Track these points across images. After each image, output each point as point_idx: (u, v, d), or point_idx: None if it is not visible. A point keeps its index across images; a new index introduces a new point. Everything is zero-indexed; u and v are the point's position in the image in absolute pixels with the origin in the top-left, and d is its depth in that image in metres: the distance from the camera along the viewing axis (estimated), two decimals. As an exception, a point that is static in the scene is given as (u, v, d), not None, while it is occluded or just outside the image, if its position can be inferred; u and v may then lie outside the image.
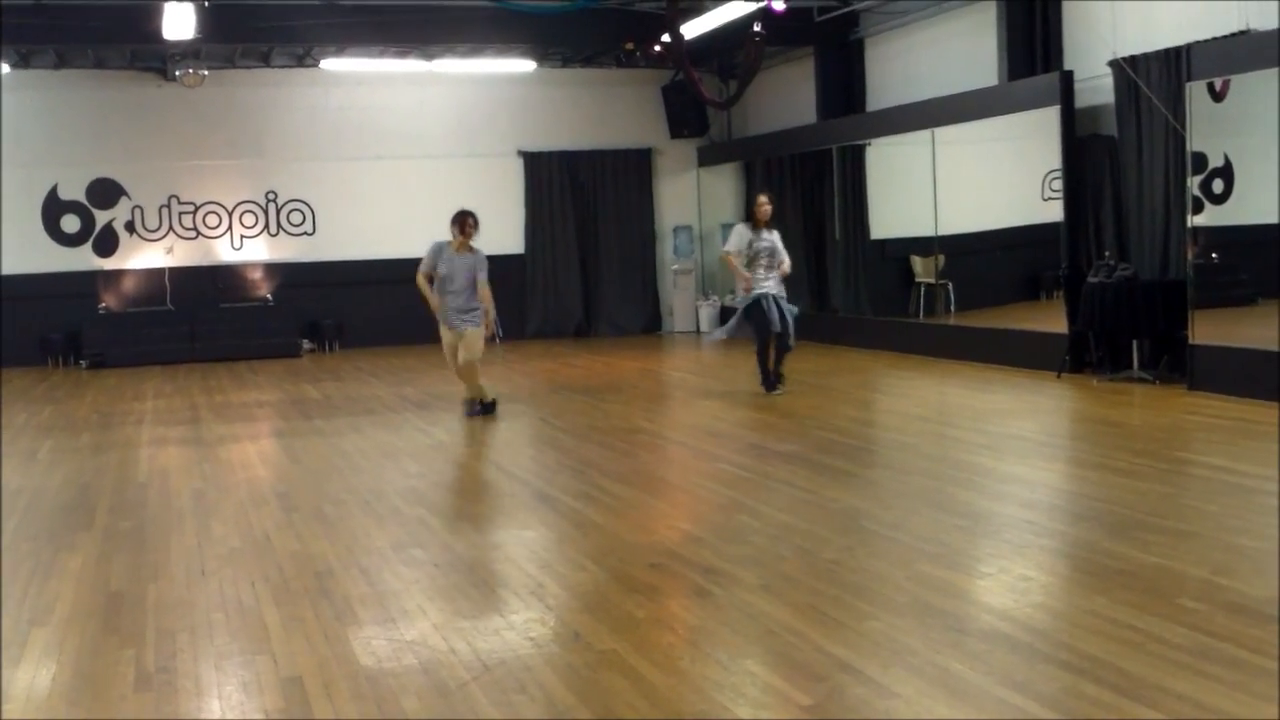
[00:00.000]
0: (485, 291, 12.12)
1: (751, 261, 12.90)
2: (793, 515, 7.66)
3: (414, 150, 20.76)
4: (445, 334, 12.32)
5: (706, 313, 21.40)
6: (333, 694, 4.93)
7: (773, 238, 13.04)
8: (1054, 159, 14.10)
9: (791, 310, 13.01)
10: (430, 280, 12.40)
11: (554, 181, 21.37)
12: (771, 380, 12.97)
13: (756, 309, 12.78)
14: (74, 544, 7.70)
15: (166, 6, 14.87)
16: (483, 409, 12.44)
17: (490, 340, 12.42)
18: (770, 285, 12.88)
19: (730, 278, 21.24)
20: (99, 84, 19.53)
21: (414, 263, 20.09)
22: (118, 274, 19.81)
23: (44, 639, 5.80)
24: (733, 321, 13.22)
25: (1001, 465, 9.21)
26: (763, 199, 13.19)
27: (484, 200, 20.84)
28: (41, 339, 19.23)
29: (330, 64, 19.31)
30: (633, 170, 21.79)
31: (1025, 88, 14.42)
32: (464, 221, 12.27)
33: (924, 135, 16.17)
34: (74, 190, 19.64)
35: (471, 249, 12.24)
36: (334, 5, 17.07)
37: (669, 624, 5.78)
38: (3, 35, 16.25)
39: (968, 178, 16.46)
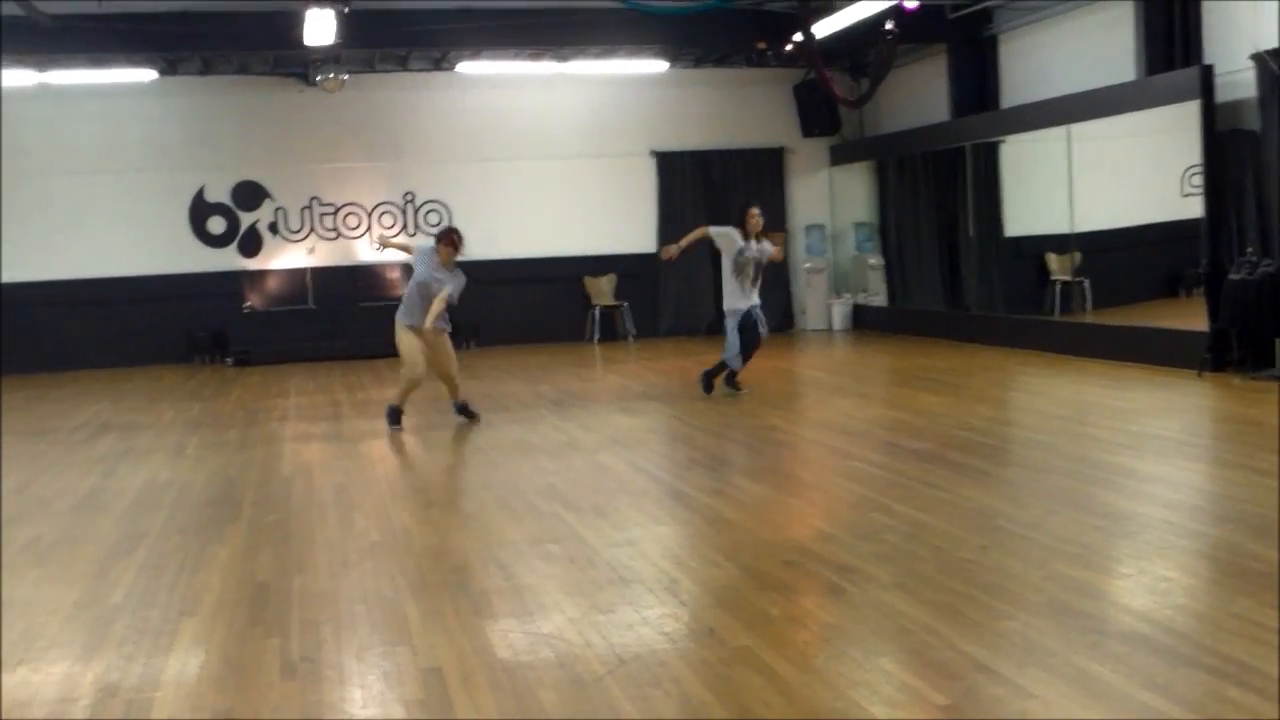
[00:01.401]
0: (441, 304, 11.99)
1: (740, 270, 12.92)
2: (927, 513, 7.63)
3: (548, 151, 20.95)
4: (408, 335, 12.24)
5: (839, 311, 21.32)
6: (471, 686, 5.02)
7: (762, 249, 13.01)
8: (1193, 154, 13.80)
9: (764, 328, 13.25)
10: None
11: (686, 181, 21.41)
12: (713, 383, 13.19)
13: (748, 327, 12.96)
14: (222, 536, 7.93)
15: (308, 13, 15.18)
16: (463, 413, 12.49)
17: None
18: (755, 298, 13.04)
19: (862, 276, 21.26)
20: (243, 89, 19.99)
21: (550, 261, 20.64)
22: (262, 274, 20.26)
23: (193, 628, 5.98)
24: (734, 346, 13.12)
25: (1141, 465, 9.06)
26: (754, 210, 13.18)
27: (617, 200, 21.15)
28: (189, 337, 19.78)
29: (466, 67, 19.55)
30: (765, 169, 21.75)
31: (1164, 82, 14.15)
32: (451, 239, 12.22)
33: (1059, 132, 15.94)
34: (220, 193, 20.14)
35: (455, 266, 12.26)
36: (470, 9, 17.30)
37: (803, 621, 5.80)
38: (151, 43, 16.76)
39: (1104, 174, 16.20)
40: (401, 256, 12.62)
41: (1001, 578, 6.21)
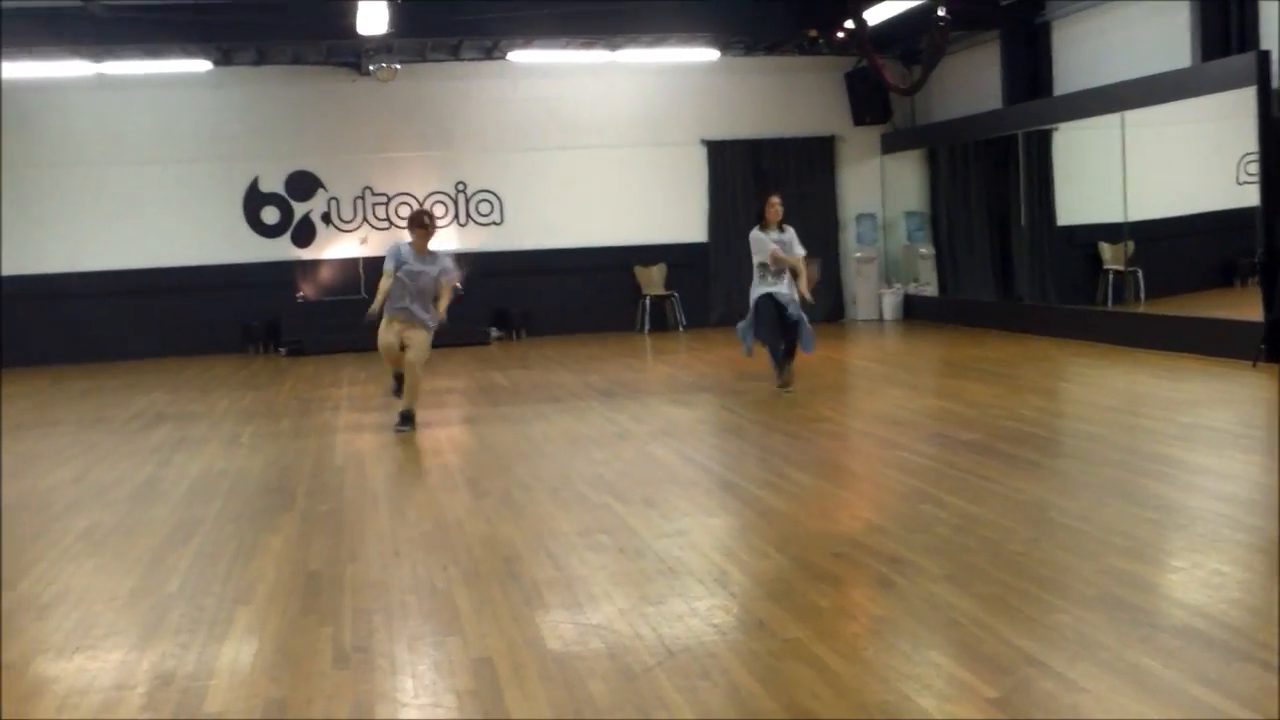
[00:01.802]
0: (448, 296, 11.51)
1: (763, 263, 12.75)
2: (977, 505, 7.60)
3: (598, 140, 20.97)
4: (386, 332, 11.52)
5: (890, 301, 21.24)
6: (521, 676, 5.05)
7: (785, 236, 12.86)
8: (1249, 141, 13.66)
9: (799, 315, 12.78)
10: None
11: (737, 170, 21.38)
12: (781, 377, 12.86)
13: (762, 311, 12.70)
14: (275, 525, 8.01)
15: (361, 3, 15.27)
16: (405, 420, 11.71)
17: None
18: (781, 286, 12.73)
19: (913, 266, 21.18)
20: (296, 80, 20.13)
21: (600, 251, 20.68)
22: (315, 264, 20.39)
23: (248, 616, 6.05)
24: (748, 333, 12.97)
25: (1194, 457, 9.00)
26: (773, 199, 13.01)
27: (667, 189, 21.15)
28: (243, 327, 19.94)
29: (517, 56, 19.60)
30: (816, 158, 21.68)
31: (1219, 69, 14.00)
32: (421, 220, 11.53)
33: (1113, 119, 15.81)
34: (273, 183, 20.29)
35: (432, 251, 11.59)
36: (521, -2, 17.38)
37: (853, 613, 5.79)
38: (206, 33, 16.90)
39: (1159, 162, 16.07)
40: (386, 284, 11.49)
41: (1053, 570, 6.19)
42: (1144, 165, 15.77)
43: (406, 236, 11.71)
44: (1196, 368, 13.35)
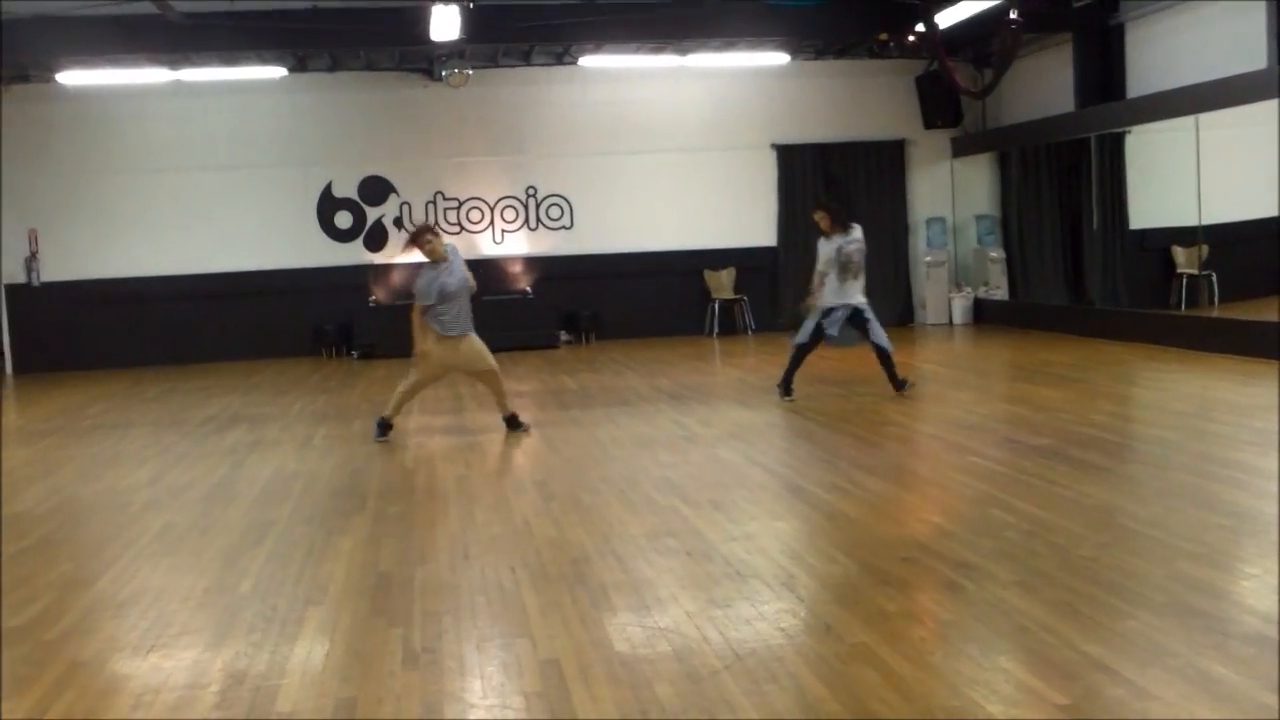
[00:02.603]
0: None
1: (845, 268, 12.55)
2: (1047, 510, 7.55)
3: (668, 144, 20.99)
4: (442, 349, 11.41)
5: (960, 305, 21.11)
6: (589, 678, 5.08)
7: (858, 240, 12.75)
8: (1326, 144, 13.49)
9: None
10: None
11: (807, 174, 21.32)
12: (898, 382, 12.72)
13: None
14: (346, 527, 8.09)
15: (434, 9, 15.39)
16: (382, 428, 11.64)
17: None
18: (851, 296, 12.60)
19: (983, 270, 21.04)
20: (369, 85, 20.29)
21: (670, 255, 20.70)
22: (387, 268, 20.53)
23: (319, 617, 6.12)
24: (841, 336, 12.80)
25: (1267, 462, 8.85)
26: (814, 214, 12.94)
27: (737, 193, 21.16)
28: (316, 330, 20.13)
29: (588, 61, 19.66)
30: (886, 162, 21.58)
31: (1296, 70, 13.83)
32: (417, 237, 11.33)
33: (1187, 121, 15.64)
34: (347, 188, 20.47)
35: (444, 255, 11.33)
36: (593, 4, 17.42)
37: (920, 618, 5.78)
38: (281, 40, 17.10)
39: (1233, 165, 15.87)
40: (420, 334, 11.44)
41: (1122, 576, 6.14)
42: (1218, 168, 15.58)
43: (457, 244, 11.70)
44: (1270, 373, 13.16)
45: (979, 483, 8.58)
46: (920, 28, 17.21)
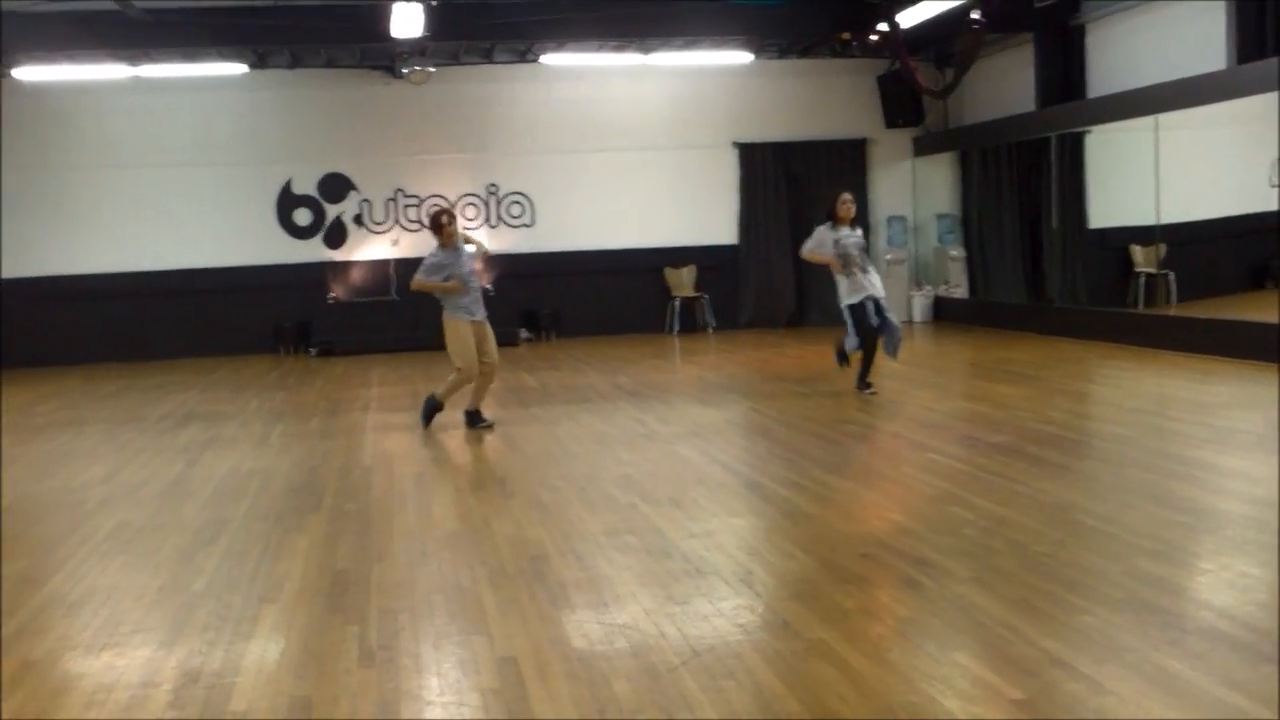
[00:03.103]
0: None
1: (845, 263, 12.56)
2: (1005, 507, 7.58)
3: (630, 142, 20.98)
4: (467, 327, 11.64)
5: (920, 303, 21.19)
6: (546, 675, 5.06)
7: (857, 236, 12.80)
8: (1283, 145, 13.58)
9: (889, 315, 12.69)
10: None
11: (768, 172, 21.34)
12: (865, 382, 12.71)
13: (861, 316, 12.52)
14: (303, 525, 8.04)
15: (395, 6, 15.34)
16: (477, 419, 11.86)
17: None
18: (871, 286, 12.58)
19: (943, 268, 21.11)
20: (330, 83, 20.22)
21: (631, 253, 20.71)
22: (346, 265, 20.47)
23: (274, 615, 6.07)
24: (853, 337, 12.75)
25: (1224, 460, 8.94)
26: (845, 196, 12.93)
27: (698, 191, 21.16)
28: (274, 327, 20.03)
29: (550, 59, 19.64)
30: (847, 161, 21.61)
31: (1254, 71, 13.89)
32: (438, 220, 11.73)
33: (1147, 121, 15.73)
34: (306, 185, 20.38)
35: (456, 242, 11.72)
36: (555, 2, 17.39)
37: (878, 614, 5.79)
38: (242, 37, 17.01)
39: (1192, 165, 15.98)
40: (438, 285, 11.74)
41: (1079, 573, 6.16)
42: (1177, 168, 15.69)
43: (418, 241, 11.82)
44: (1227, 371, 13.27)
45: (938, 480, 8.60)
46: (882, 27, 17.24)
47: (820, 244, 12.72)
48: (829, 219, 12.81)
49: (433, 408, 11.95)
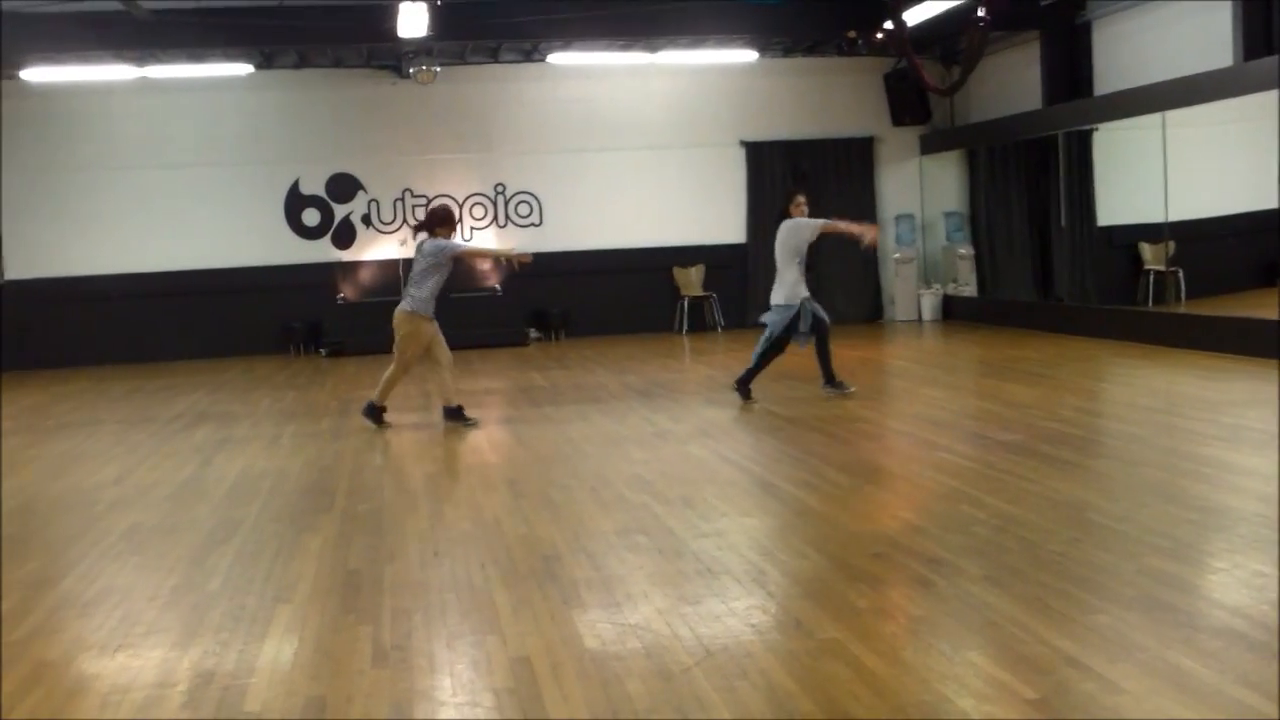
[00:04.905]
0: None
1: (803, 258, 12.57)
2: (1016, 506, 7.58)
3: (637, 141, 20.98)
4: (432, 326, 11.95)
5: (929, 301, 21.17)
6: (559, 675, 5.07)
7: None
8: (1293, 141, 13.56)
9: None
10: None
11: (775, 171, 21.32)
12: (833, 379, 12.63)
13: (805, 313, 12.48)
14: (315, 525, 8.05)
15: (402, 6, 15.36)
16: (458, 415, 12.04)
17: None
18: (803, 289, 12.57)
19: (952, 266, 21.09)
20: (337, 83, 20.23)
21: (639, 252, 20.71)
22: (355, 265, 20.48)
23: (288, 615, 6.08)
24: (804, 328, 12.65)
25: (1235, 457, 8.92)
26: (800, 198, 12.85)
27: (706, 190, 21.16)
28: (284, 328, 20.03)
29: (557, 58, 19.65)
30: (854, 159, 21.61)
31: (1261, 68, 13.88)
32: (451, 215, 12.44)
33: (1154, 119, 15.71)
34: (314, 185, 20.38)
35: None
36: (561, 1, 17.40)
37: (891, 613, 5.79)
38: (248, 37, 17.02)
39: (1200, 162, 15.96)
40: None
41: (1092, 571, 6.17)
42: (1185, 165, 15.67)
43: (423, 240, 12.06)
44: (1237, 368, 13.26)
45: (949, 478, 8.60)
46: (888, 25, 17.23)
47: (811, 225, 12.63)
48: (784, 216, 12.71)
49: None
